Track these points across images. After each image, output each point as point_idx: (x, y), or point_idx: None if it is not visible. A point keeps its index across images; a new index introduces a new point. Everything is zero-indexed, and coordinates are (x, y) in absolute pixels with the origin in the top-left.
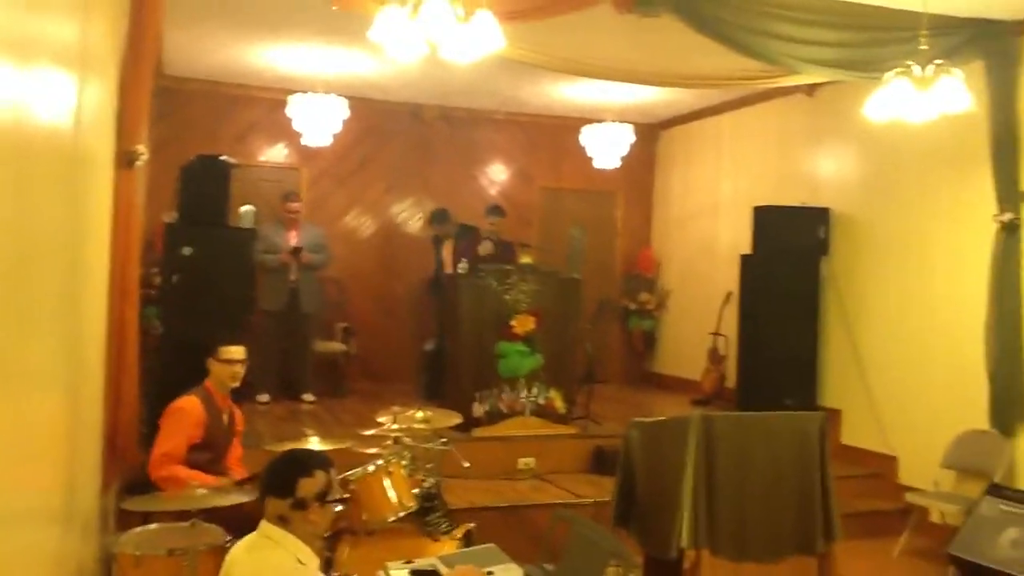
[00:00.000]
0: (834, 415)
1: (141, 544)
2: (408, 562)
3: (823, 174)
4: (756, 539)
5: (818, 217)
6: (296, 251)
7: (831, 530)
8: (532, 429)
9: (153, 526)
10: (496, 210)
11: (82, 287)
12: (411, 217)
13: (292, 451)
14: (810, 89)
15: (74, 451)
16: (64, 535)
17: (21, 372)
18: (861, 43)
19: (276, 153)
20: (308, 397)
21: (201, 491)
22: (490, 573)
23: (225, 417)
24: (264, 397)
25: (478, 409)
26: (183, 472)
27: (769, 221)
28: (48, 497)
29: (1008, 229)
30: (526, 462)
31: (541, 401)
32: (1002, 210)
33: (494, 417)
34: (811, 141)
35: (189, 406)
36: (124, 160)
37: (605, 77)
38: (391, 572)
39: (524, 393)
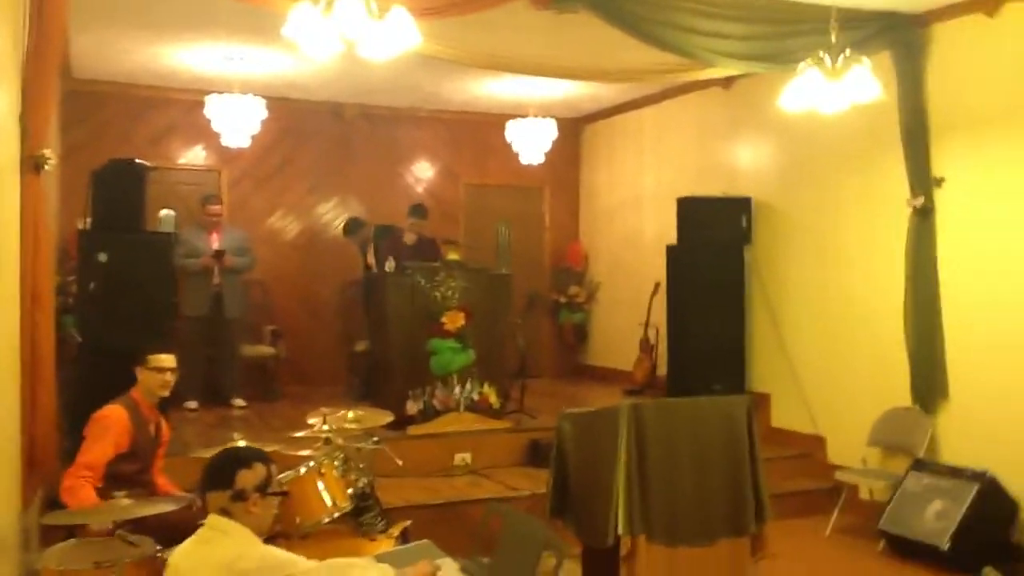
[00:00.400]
0: (763, 399)
1: (64, 559)
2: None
3: (743, 164)
4: (689, 523)
5: (740, 207)
6: (219, 254)
7: (762, 511)
8: (467, 425)
9: (73, 540)
10: (418, 210)
11: None
12: (335, 218)
13: (230, 447)
14: (727, 82)
15: None
16: None
17: None
18: (773, 36)
19: (194, 155)
20: (238, 402)
21: (125, 501)
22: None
23: (152, 427)
24: (193, 404)
25: (412, 407)
26: (83, 493)
27: (693, 212)
28: None
29: (921, 214)
30: (462, 458)
31: (475, 397)
32: (915, 195)
33: (428, 414)
34: (730, 132)
35: (114, 415)
36: (30, 165)
37: (524, 72)
38: None
39: (457, 389)
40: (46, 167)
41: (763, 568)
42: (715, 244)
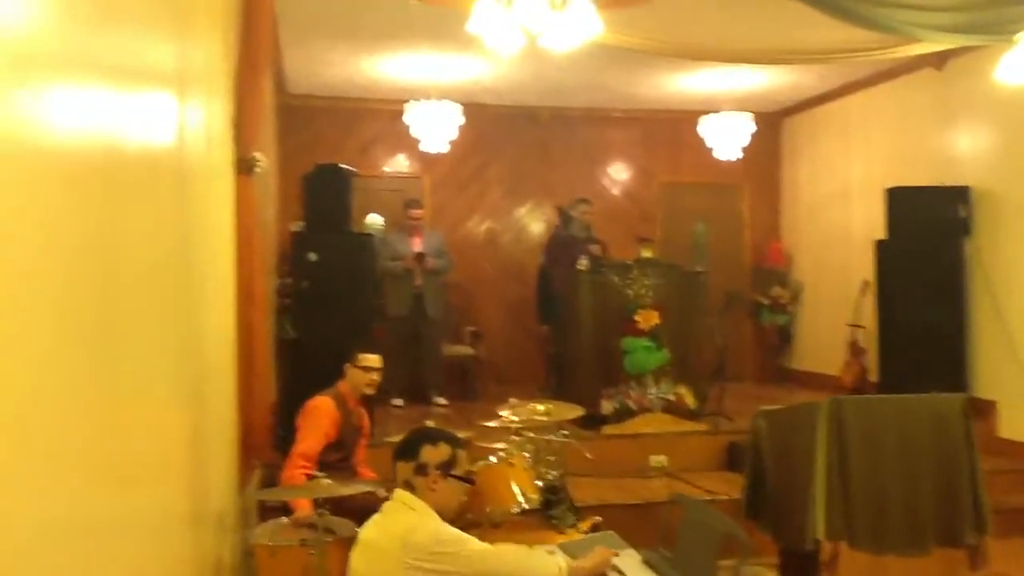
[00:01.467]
0: (989, 406)
1: (275, 535)
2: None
3: (959, 151)
4: (896, 530)
5: (957, 195)
6: (420, 257)
7: (982, 521)
8: (662, 426)
9: (284, 519)
10: (582, 201)
11: (198, 294)
12: (532, 221)
13: (423, 425)
14: (939, 61)
15: (201, 455)
16: (196, 535)
17: (120, 388)
18: (988, 4)
19: (398, 163)
20: (439, 400)
21: (327, 481)
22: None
23: (355, 419)
24: (398, 401)
25: (606, 406)
26: (299, 481)
27: (904, 203)
28: (175, 501)
29: None
30: (658, 460)
31: (671, 397)
32: None
33: (623, 415)
34: (944, 117)
35: (325, 406)
36: (243, 167)
37: (710, 58)
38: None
39: (652, 389)
40: (257, 169)
41: None
42: (930, 237)
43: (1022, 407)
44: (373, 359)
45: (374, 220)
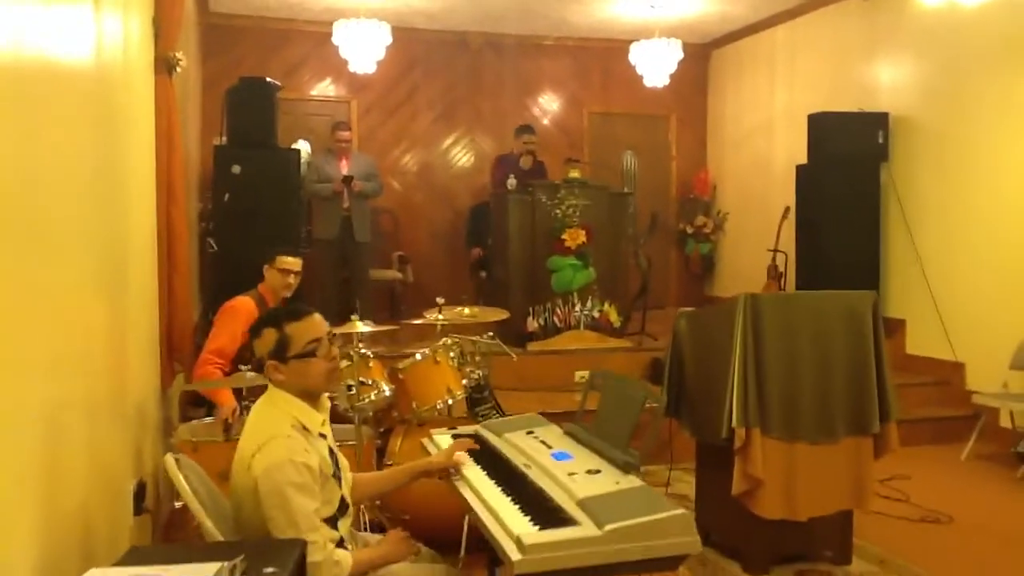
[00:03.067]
0: (898, 325)
1: (197, 432)
2: (452, 428)
3: (881, 80)
4: (808, 419)
5: (876, 122)
6: (348, 180)
7: (887, 409)
8: (587, 343)
9: (207, 419)
10: (526, 128)
11: (120, 193)
12: (461, 148)
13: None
14: None
15: (123, 351)
16: (118, 422)
17: (48, 284)
18: None
19: (326, 87)
20: (367, 323)
21: (250, 374)
22: (530, 432)
23: None
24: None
25: (532, 324)
26: (213, 376)
27: (825, 129)
28: (97, 391)
29: None
30: (582, 375)
31: (595, 315)
32: None
33: (548, 331)
34: (867, 47)
35: (244, 306)
36: (163, 66)
37: None
38: (435, 439)
39: (578, 307)
40: (178, 68)
41: (896, 489)
42: (849, 162)
43: (928, 326)
44: (292, 261)
45: (301, 147)
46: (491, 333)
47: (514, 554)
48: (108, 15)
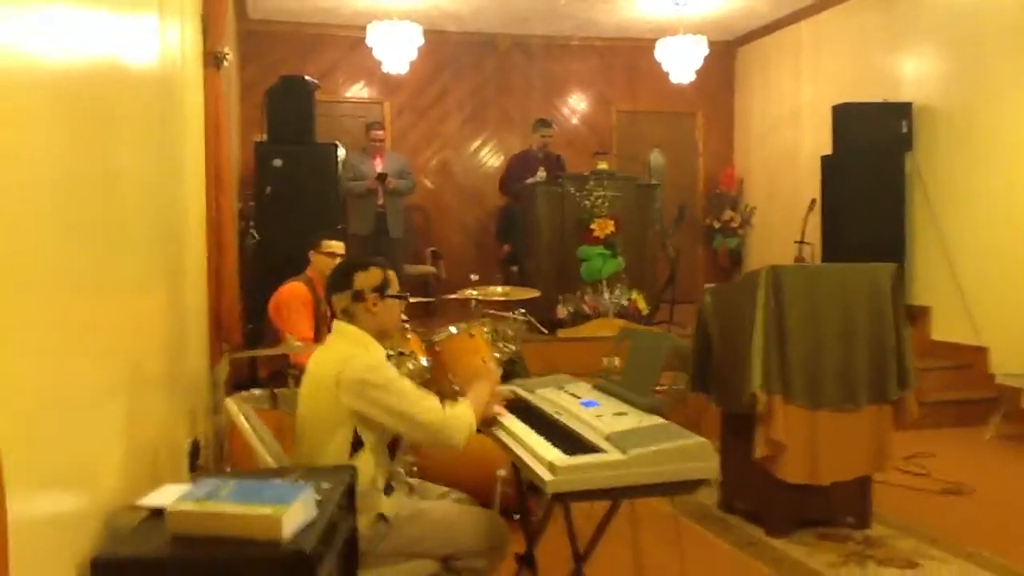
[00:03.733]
0: (924, 312)
1: (246, 400)
2: None
3: (905, 71)
4: (831, 386)
5: (900, 112)
6: (382, 177)
7: (905, 378)
8: (615, 330)
9: (258, 391)
10: (542, 123)
11: (178, 183)
12: (491, 149)
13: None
14: None
15: (181, 330)
16: (174, 394)
17: (126, 271)
18: None
19: (359, 89)
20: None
21: (297, 343)
22: (561, 387)
23: (323, 305)
24: None
25: (562, 311)
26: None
27: (849, 120)
28: (153, 366)
29: None
30: (610, 361)
31: (624, 303)
32: None
33: (578, 319)
34: (890, 39)
35: (298, 290)
36: (211, 61)
37: None
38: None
39: (607, 295)
40: (224, 63)
41: (919, 464)
42: (873, 152)
43: (952, 312)
44: (336, 245)
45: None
46: (523, 310)
47: (547, 475)
48: (168, 17)
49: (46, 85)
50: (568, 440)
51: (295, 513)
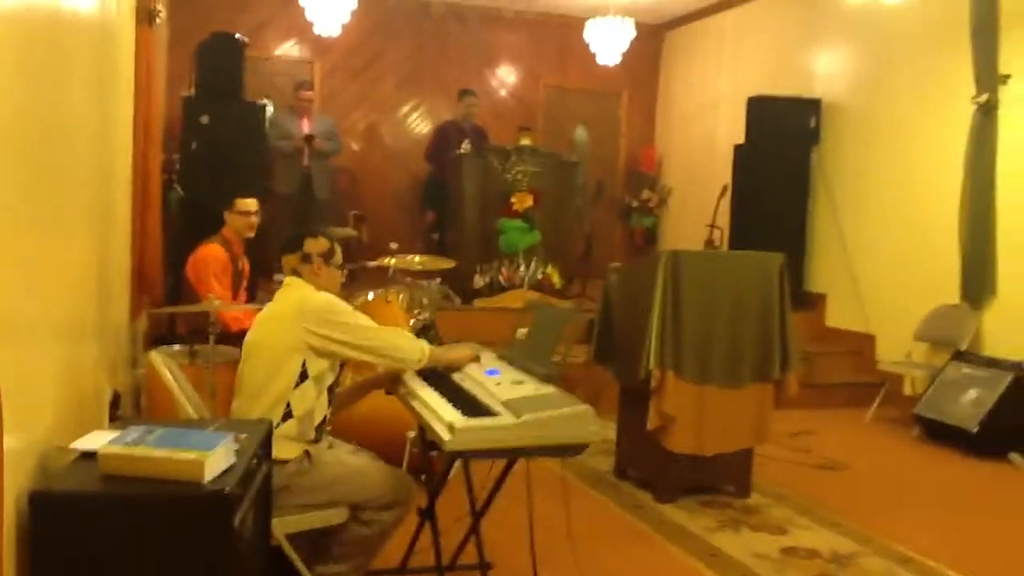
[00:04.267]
0: (819, 299)
1: (165, 356)
2: None
3: (817, 66)
4: (719, 365)
5: (809, 107)
6: (309, 138)
7: (788, 360)
8: (528, 302)
9: (178, 347)
10: (467, 92)
11: (110, 133)
12: (420, 115)
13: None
14: None
15: (106, 280)
16: (99, 344)
17: (56, 219)
18: None
19: (290, 48)
20: None
21: (217, 301)
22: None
23: (239, 263)
24: (280, 277)
25: (479, 281)
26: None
27: (763, 112)
28: (84, 314)
29: (984, 110)
30: (523, 331)
31: (539, 276)
32: (979, 91)
33: (495, 289)
34: (808, 34)
35: (215, 251)
36: (143, 16)
37: None
38: None
39: (523, 268)
40: (157, 20)
41: (801, 442)
42: (782, 144)
43: (846, 300)
44: (250, 203)
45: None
46: (439, 279)
47: (446, 435)
48: None
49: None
50: (469, 404)
51: (216, 459)
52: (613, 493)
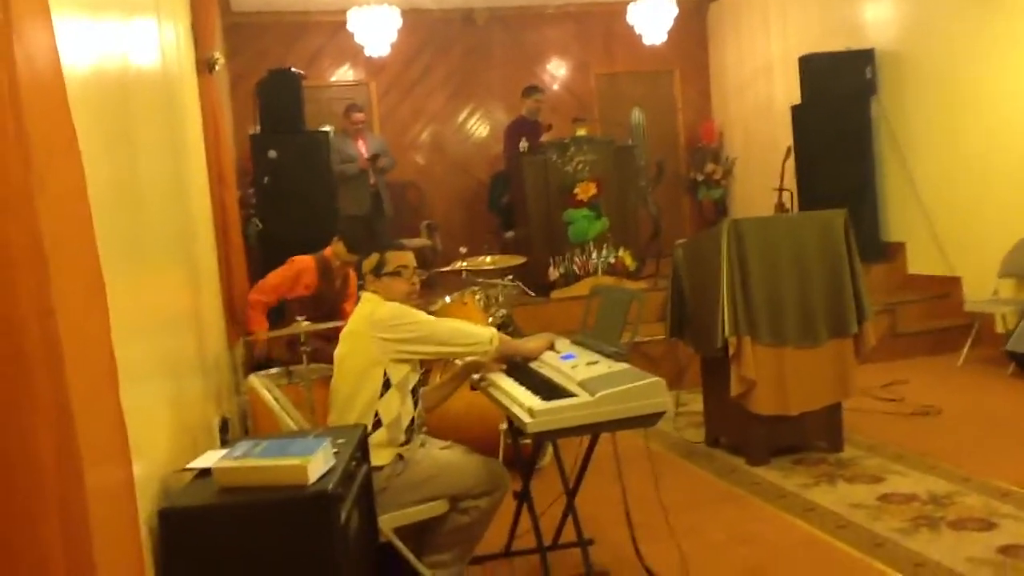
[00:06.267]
0: (898, 248)
1: (264, 378)
2: None
3: (867, 15)
4: (793, 325)
5: (863, 58)
6: (375, 158)
7: (862, 311)
8: (593, 287)
9: (275, 369)
10: (533, 89)
11: (186, 182)
12: (477, 121)
13: None
14: None
15: (199, 316)
16: (202, 375)
17: (146, 267)
18: None
19: (344, 72)
20: None
21: (306, 323)
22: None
23: (338, 281)
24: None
25: (553, 273)
26: (255, 320)
27: (816, 69)
28: (183, 349)
29: None
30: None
31: (611, 260)
32: None
33: (570, 279)
34: None
35: (302, 263)
36: (204, 67)
37: None
38: None
39: (595, 255)
40: (216, 67)
41: (893, 392)
42: (839, 99)
43: (925, 247)
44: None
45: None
46: (511, 276)
47: (527, 419)
48: (166, 25)
49: (82, 99)
50: (547, 388)
51: (318, 462)
52: (706, 462)
